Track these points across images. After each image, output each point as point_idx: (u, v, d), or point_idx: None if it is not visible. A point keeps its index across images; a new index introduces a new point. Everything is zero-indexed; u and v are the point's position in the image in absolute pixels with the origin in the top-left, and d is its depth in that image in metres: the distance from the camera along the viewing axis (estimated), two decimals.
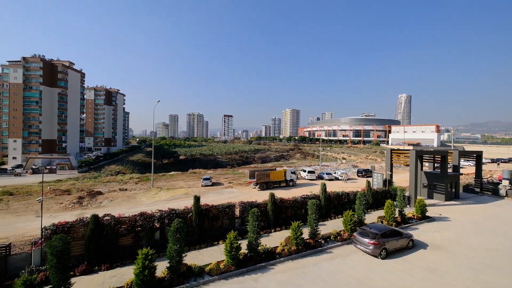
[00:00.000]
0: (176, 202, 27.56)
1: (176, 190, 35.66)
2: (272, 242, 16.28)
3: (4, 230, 20.26)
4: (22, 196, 33.28)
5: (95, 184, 42.37)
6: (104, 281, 12.28)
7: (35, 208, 26.89)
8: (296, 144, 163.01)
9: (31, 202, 29.55)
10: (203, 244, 16.00)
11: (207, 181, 38.69)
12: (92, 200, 30.06)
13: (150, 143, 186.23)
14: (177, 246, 11.98)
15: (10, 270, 12.88)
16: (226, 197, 29.50)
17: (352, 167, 63.03)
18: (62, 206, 27.62)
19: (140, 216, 15.40)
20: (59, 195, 32.77)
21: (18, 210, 26.76)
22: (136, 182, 44.24)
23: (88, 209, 26.67)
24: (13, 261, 13.14)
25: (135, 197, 31.79)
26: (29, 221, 22.73)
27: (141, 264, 11.02)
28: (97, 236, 13.79)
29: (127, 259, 14.01)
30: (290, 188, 35.72)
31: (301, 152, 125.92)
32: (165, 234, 15.97)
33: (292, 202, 20.96)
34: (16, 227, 21.27)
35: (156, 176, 45.26)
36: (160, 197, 31.48)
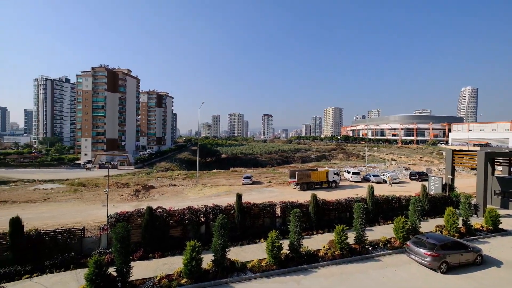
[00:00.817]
0: (219, 199, 28.78)
1: (219, 187, 37.25)
2: (314, 245, 15.82)
3: (79, 215, 23.78)
4: (92, 188, 38.68)
5: (148, 179, 46.86)
6: (157, 267, 13.48)
7: (101, 198, 30.97)
8: (338, 143, 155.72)
9: (99, 193, 34.13)
10: (245, 241, 16.39)
11: (247, 179, 39.53)
12: (146, 193, 33.32)
13: (195, 142, 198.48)
14: (221, 241, 12.49)
15: (84, 250, 15.06)
16: (266, 196, 29.71)
17: (404, 169, 57.51)
18: (122, 197, 31.25)
19: (187, 210, 16.49)
20: (120, 188, 37.12)
21: (89, 199, 31.16)
22: (183, 178, 47.56)
23: (143, 201, 29.64)
24: (86, 243, 15.32)
25: (182, 192, 34.20)
26: (97, 209, 26.26)
27: (189, 255, 11.79)
28: (151, 226, 15.22)
29: (176, 249, 15.14)
30: (332, 190, 34.26)
31: (344, 152, 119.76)
32: (209, 229, 16.81)
33: (335, 204, 20.07)
34: (88, 213, 24.77)
35: (200, 174, 47.99)
36: (204, 193, 33.27)
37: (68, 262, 13.65)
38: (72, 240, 14.86)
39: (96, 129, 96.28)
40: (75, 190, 36.26)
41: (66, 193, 34.44)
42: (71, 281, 12.37)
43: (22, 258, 13.39)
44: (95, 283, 10.59)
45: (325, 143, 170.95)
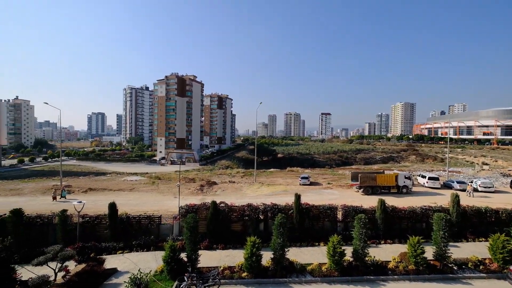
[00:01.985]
0: (276, 198, 28.98)
1: (276, 186, 37.54)
2: (381, 255, 14.32)
3: (156, 204, 27.44)
4: (166, 181, 44.20)
5: (211, 176, 50.75)
6: (220, 258, 14.44)
7: (173, 190, 35.03)
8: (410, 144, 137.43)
9: (171, 186, 38.73)
10: (303, 243, 16.05)
11: (305, 180, 38.62)
12: (209, 189, 36.14)
13: (252, 142, 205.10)
14: (280, 240, 12.52)
15: (161, 235, 17.32)
16: (325, 198, 28.43)
17: (502, 175, 46.67)
18: (189, 191, 34.68)
19: (247, 207, 17.14)
20: (188, 182, 41.29)
21: (164, 191, 35.67)
22: (242, 176, 49.74)
23: (207, 195, 32.24)
24: (162, 229, 17.57)
25: (241, 189, 35.79)
26: (170, 200, 29.79)
27: (249, 250, 12.21)
28: (215, 219, 16.40)
29: (237, 243, 15.91)
30: (403, 196, 30.39)
31: (416, 154, 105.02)
32: (268, 226, 17.09)
33: (408, 213, 17.72)
34: (163, 203, 28.35)
35: (257, 172, 49.31)
36: (262, 192, 34.04)
37: (149, 244, 15.92)
38: (152, 226, 17.29)
39: (168, 129, 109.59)
40: (153, 183, 42.10)
41: (146, 185, 40.34)
42: (151, 260, 14.38)
43: (116, 236, 16.27)
44: (170, 265, 12.05)
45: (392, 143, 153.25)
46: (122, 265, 13.58)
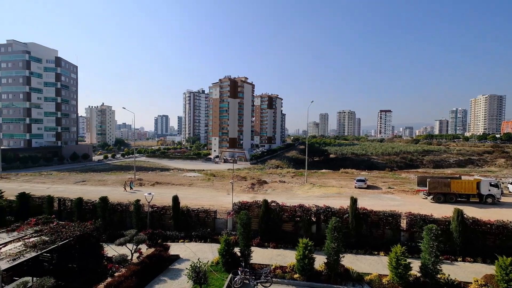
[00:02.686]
0: (328, 200, 27.72)
1: (328, 188, 35.91)
2: (458, 274, 12.28)
3: (212, 200, 29.36)
4: (220, 178, 46.93)
5: (261, 175, 51.70)
6: (272, 257, 14.56)
7: (226, 187, 36.94)
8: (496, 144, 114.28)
9: (224, 183, 40.94)
10: (360, 250, 14.94)
11: (361, 182, 35.88)
12: (260, 187, 36.86)
13: (303, 141, 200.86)
14: (334, 244, 11.90)
15: (216, 229, 18.44)
16: (386, 204, 25.86)
17: None
18: (241, 188, 36.02)
19: (299, 208, 16.84)
20: (239, 180, 42.96)
21: (218, 187, 37.93)
22: (292, 176, 49.21)
23: (257, 194, 32.95)
24: (218, 223, 18.68)
25: (291, 190, 35.43)
26: (223, 196, 31.49)
27: (301, 252, 11.96)
28: (267, 217, 16.61)
29: (288, 244, 15.80)
30: (487, 207, 25.45)
31: (507, 157, 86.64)
32: (320, 229, 16.47)
33: (496, 228, 14.72)
34: (218, 199, 30.17)
35: (308, 173, 48.05)
36: (313, 193, 33.03)
37: (206, 236, 17.13)
38: (208, 219, 18.55)
39: (221, 129, 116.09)
40: (208, 179, 45.23)
41: (203, 181, 43.59)
42: (208, 251, 15.44)
43: (178, 226, 18.01)
44: (225, 257, 12.72)
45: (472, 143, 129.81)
46: (183, 253, 14.95)
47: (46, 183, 39.98)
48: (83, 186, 38.63)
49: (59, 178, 45.89)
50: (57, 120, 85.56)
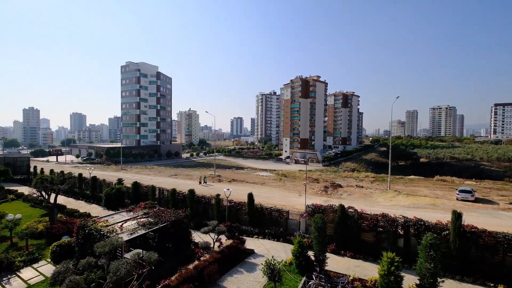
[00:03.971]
0: (419, 212, 23.68)
1: (419, 197, 30.68)
2: None
3: (283, 200, 29.61)
4: (291, 179, 46.92)
5: (335, 177, 48.81)
6: (349, 267, 13.47)
7: (298, 188, 36.56)
8: None
9: (296, 184, 40.65)
10: (467, 277, 12.09)
11: (466, 194, 29.07)
12: (334, 191, 34.82)
13: (384, 143, 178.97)
14: (430, 265, 10.01)
15: (288, 229, 18.45)
16: (505, 224, 20.14)
17: None
18: (313, 191, 34.92)
19: (382, 217, 14.99)
20: (311, 182, 41.78)
21: (289, 188, 37.97)
22: (372, 181, 44.44)
23: (331, 197, 31.23)
24: (290, 224, 18.65)
25: (371, 196, 31.99)
26: (295, 198, 31.26)
27: (386, 267, 10.57)
28: (343, 224, 15.51)
29: (368, 255, 14.30)
30: None
31: None
32: (409, 245, 14.23)
33: None
34: (289, 199, 30.19)
35: (392, 178, 42.30)
36: (398, 202, 28.88)
37: (279, 235, 17.36)
38: (281, 219, 18.75)
39: (292, 130, 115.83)
40: (280, 179, 45.88)
41: (274, 181, 44.53)
42: (281, 250, 15.61)
43: (253, 222, 18.92)
44: (298, 259, 12.55)
45: None
46: (257, 249, 15.60)
47: (149, 175, 49.18)
48: (175, 179, 45.59)
49: (159, 172, 55.64)
50: (157, 124, 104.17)
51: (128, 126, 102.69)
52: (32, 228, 16.56)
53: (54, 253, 13.53)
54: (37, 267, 13.48)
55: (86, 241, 12.53)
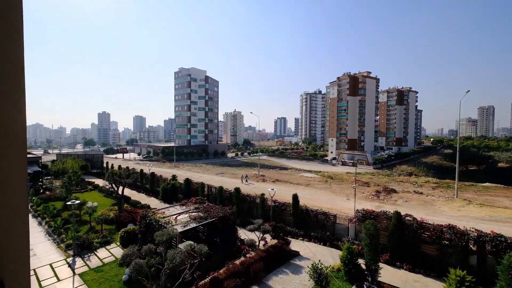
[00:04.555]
0: (497, 226, 20.05)
1: (496, 209, 25.96)
2: None
3: (329, 203, 28.36)
4: (338, 181, 44.67)
5: (388, 182, 44.69)
6: (406, 281, 12.17)
7: (345, 192, 34.60)
8: None
9: (343, 187, 38.53)
10: None
11: None
12: (387, 196, 31.91)
13: (449, 144, 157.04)
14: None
15: (335, 234, 17.60)
16: None
17: None
18: (363, 195, 32.59)
19: (448, 229, 13.14)
20: (361, 186, 39.07)
21: (336, 190, 36.20)
22: (433, 187, 39.34)
23: (384, 203, 28.67)
24: (337, 228, 17.76)
25: (433, 204, 28.34)
26: (342, 201, 29.63)
27: (454, 286, 9.25)
28: (399, 233, 14.09)
29: (430, 270, 12.70)
30: None
31: None
32: (485, 263, 12.17)
33: None
34: (335, 203, 28.78)
35: (460, 185, 36.69)
36: (468, 212, 24.92)
37: (325, 239, 16.69)
38: (327, 222, 18.00)
39: (339, 130, 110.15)
40: (326, 181, 44.08)
41: (320, 182, 42.99)
42: (327, 255, 14.98)
43: (297, 224, 18.60)
44: (347, 266, 11.86)
45: None
46: (303, 251, 15.27)
47: (199, 173, 52.60)
48: (222, 177, 47.76)
49: (207, 170, 59.10)
50: (205, 125, 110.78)
51: (180, 127, 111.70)
52: (105, 215, 19.33)
53: (122, 238, 15.52)
54: (109, 249, 15.65)
55: (147, 229, 14.05)
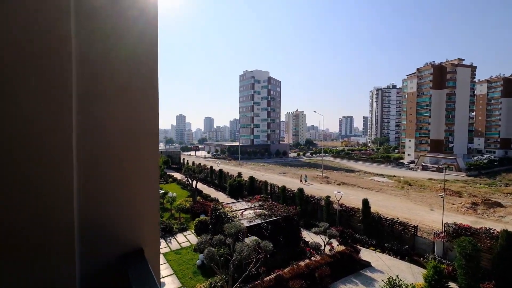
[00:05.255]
0: None
1: None
2: None
3: (406, 212, 24.81)
4: (417, 188, 38.69)
5: (490, 192, 36.06)
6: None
7: (428, 201, 29.65)
8: None
9: (424, 195, 33.15)
10: None
11: None
12: (488, 210, 25.81)
13: None
14: None
15: (415, 248, 15.24)
16: None
17: None
18: (453, 207, 27.24)
19: None
20: (449, 195, 32.75)
21: (415, 199, 31.42)
22: None
23: (483, 219, 23.31)
24: (418, 242, 15.34)
25: None
26: (424, 212, 25.49)
27: None
28: (509, 256, 11.14)
29: None
30: None
31: None
32: None
33: None
34: (415, 213, 24.97)
35: None
36: None
37: (402, 252, 14.64)
38: (405, 234, 15.76)
39: (419, 129, 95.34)
40: (402, 188, 38.73)
41: (394, 188, 38.07)
42: (406, 271, 13.07)
43: (368, 232, 16.92)
44: None
45: None
46: (375, 262, 13.79)
47: (261, 171, 54.09)
48: (284, 176, 47.83)
49: (269, 169, 60.26)
50: (268, 125, 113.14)
51: (244, 127, 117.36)
52: (182, 205, 21.93)
53: (196, 226, 17.28)
54: (186, 235, 17.65)
55: (217, 221, 15.21)
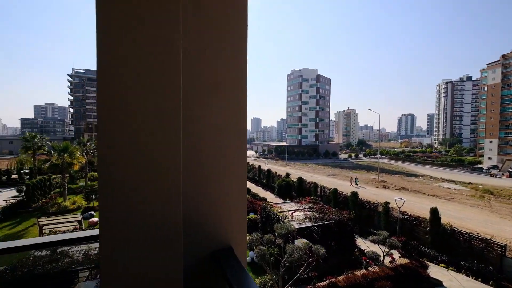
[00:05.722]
0: None
1: None
2: None
3: (488, 227, 20.83)
4: (502, 199, 32.18)
5: None
6: None
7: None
8: None
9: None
10: None
11: None
12: None
13: None
14: None
15: (504, 272, 12.64)
16: None
17: None
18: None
19: None
20: None
21: (500, 211, 26.19)
22: None
23: None
24: (507, 264, 12.71)
25: None
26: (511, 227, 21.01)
27: None
28: None
29: None
30: None
31: None
32: None
33: None
34: (499, 228, 20.80)
35: None
36: None
37: (485, 274, 12.31)
38: (488, 253, 13.23)
39: (505, 128, 79.40)
40: (481, 197, 32.66)
41: (471, 197, 32.35)
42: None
43: (436, 246, 14.75)
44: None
45: None
46: (447, 282, 11.92)
47: (309, 172, 52.55)
48: (334, 179, 45.52)
49: (317, 170, 58.17)
50: (316, 124, 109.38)
51: (292, 127, 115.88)
52: None
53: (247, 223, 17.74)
54: None
55: (266, 220, 15.30)
